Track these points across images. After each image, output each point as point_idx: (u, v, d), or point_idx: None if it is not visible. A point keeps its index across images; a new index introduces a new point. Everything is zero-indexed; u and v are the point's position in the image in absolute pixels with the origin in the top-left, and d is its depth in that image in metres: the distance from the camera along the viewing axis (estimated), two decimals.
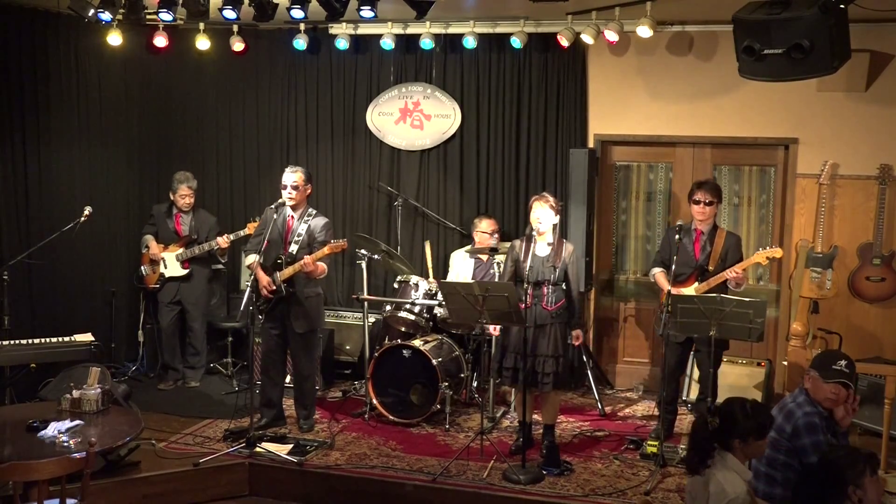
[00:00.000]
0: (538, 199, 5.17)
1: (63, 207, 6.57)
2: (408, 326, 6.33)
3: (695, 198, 5.45)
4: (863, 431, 5.70)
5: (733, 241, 5.51)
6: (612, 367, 7.10)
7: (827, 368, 3.86)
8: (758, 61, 4.82)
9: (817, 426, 3.77)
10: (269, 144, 7.50)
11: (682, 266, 5.43)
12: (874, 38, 6.09)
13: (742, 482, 3.28)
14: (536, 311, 5.12)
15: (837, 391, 3.81)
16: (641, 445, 5.46)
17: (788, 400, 3.97)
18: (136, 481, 4.90)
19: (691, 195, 5.50)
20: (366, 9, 5.15)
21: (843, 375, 3.82)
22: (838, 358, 3.90)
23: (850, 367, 3.87)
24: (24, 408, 4.98)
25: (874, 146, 6.25)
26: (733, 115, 6.51)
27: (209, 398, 6.48)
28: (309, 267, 5.36)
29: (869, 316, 6.36)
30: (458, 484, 4.91)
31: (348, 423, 5.91)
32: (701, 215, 5.45)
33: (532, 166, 6.91)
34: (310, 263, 5.35)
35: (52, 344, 5.65)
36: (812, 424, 3.77)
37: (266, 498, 5.12)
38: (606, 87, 6.78)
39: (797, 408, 3.85)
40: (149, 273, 6.72)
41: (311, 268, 5.38)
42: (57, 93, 6.64)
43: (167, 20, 5.80)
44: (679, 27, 6.51)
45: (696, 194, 5.46)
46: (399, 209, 7.08)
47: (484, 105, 7.00)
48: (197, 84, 7.52)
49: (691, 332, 5.15)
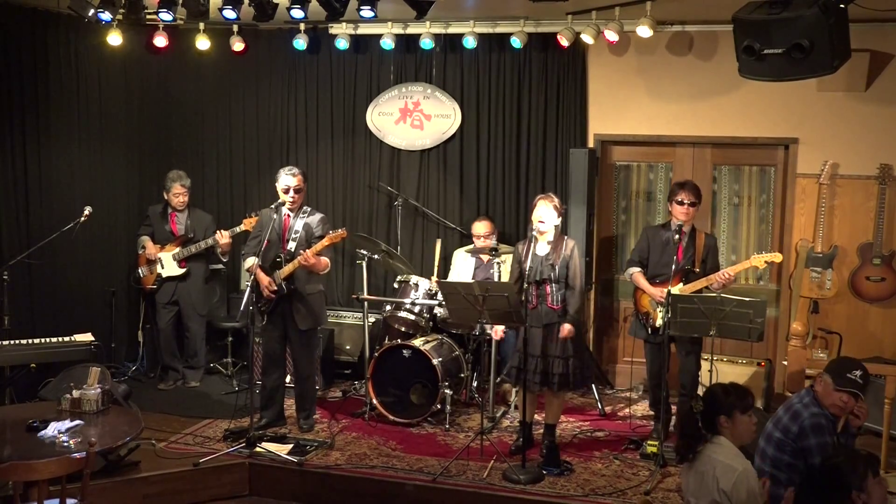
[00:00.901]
0: (543, 197, 5.16)
1: (63, 207, 6.57)
2: (408, 326, 6.33)
3: (678, 198, 5.41)
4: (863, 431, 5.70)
5: (712, 243, 5.53)
6: (612, 367, 7.10)
7: (841, 376, 3.85)
8: (758, 61, 4.81)
9: (824, 427, 3.77)
10: (269, 144, 7.50)
11: (663, 267, 5.40)
12: (874, 38, 6.09)
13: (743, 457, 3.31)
14: (543, 310, 5.11)
15: (847, 401, 3.81)
16: (641, 445, 5.46)
17: (795, 401, 3.96)
18: (136, 481, 4.89)
19: (673, 195, 5.46)
20: (366, 9, 5.15)
21: (856, 385, 3.81)
22: (854, 367, 3.88)
23: (865, 378, 3.86)
24: (24, 408, 4.98)
25: (874, 146, 6.25)
26: (733, 115, 6.51)
27: (209, 398, 6.48)
28: (310, 261, 5.35)
29: (869, 316, 6.36)
30: (458, 484, 4.91)
31: (348, 423, 5.91)
32: (684, 216, 5.41)
33: (532, 166, 6.91)
34: (310, 257, 5.34)
35: (52, 344, 5.66)
36: (818, 425, 3.77)
37: (266, 498, 5.12)
38: (606, 87, 6.78)
39: (804, 408, 3.85)
40: (146, 274, 6.72)
41: (311, 261, 5.36)
42: (57, 93, 6.64)
43: (167, 20, 5.81)
44: (679, 27, 6.51)
45: (678, 195, 5.42)
46: (399, 209, 7.08)
47: (484, 105, 7.00)
48: (197, 84, 7.52)
49: (691, 332, 5.15)
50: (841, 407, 3.83)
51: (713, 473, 3.28)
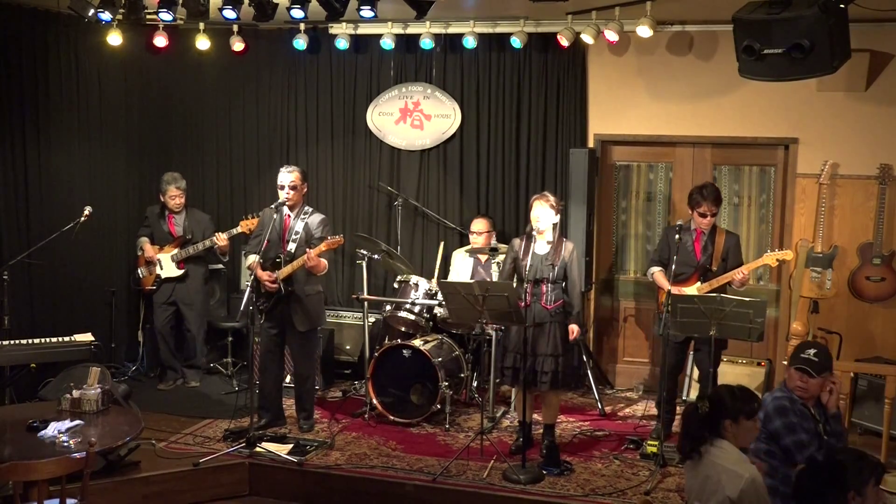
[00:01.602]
0: (538, 198, 5.18)
1: (63, 207, 6.57)
2: (408, 326, 6.34)
3: (700, 210, 5.40)
4: (863, 431, 5.71)
5: (734, 242, 5.51)
6: (612, 367, 7.10)
7: (795, 357, 3.96)
8: (758, 61, 4.81)
9: (787, 409, 3.85)
10: (269, 144, 7.50)
11: (683, 266, 5.43)
12: (874, 38, 6.09)
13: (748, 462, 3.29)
14: (535, 309, 5.12)
15: (801, 378, 3.88)
16: (641, 445, 5.46)
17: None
18: (136, 481, 4.89)
19: (696, 206, 5.42)
20: (366, 9, 5.15)
21: (804, 362, 3.88)
22: (809, 347, 3.98)
23: (820, 356, 3.91)
24: (24, 408, 4.98)
25: (874, 146, 6.25)
26: (733, 115, 6.51)
27: (209, 398, 6.48)
28: (312, 261, 5.35)
29: (869, 316, 6.36)
30: (458, 484, 4.91)
31: (348, 423, 5.91)
32: (706, 226, 5.44)
33: (532, 166, 6.91)
34: (313, 257, 5.34)
35: (52, 344, 5.65)
36: (780, 407, 3.86)
37: (266, 498, 5.12)
38: (606, 87, 6.78)
39: (769, 395, 4.00)
40: (145, 275, 6.72)
41: (313, 262, 5.36)
42: (57, 93, 6.64)
43: (167, 20, 5.81)
44: (679, 27, 6.51)
45: (700, 206, 5.39)
46: (399, 209, 7.08)
47: (484, 105, 7.00)
48: (197, 84, 7.52)
49: (691, 332, 5.15)
50: (801, 386, 3.89)
51: (718, 479, 3.24)
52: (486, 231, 6.44)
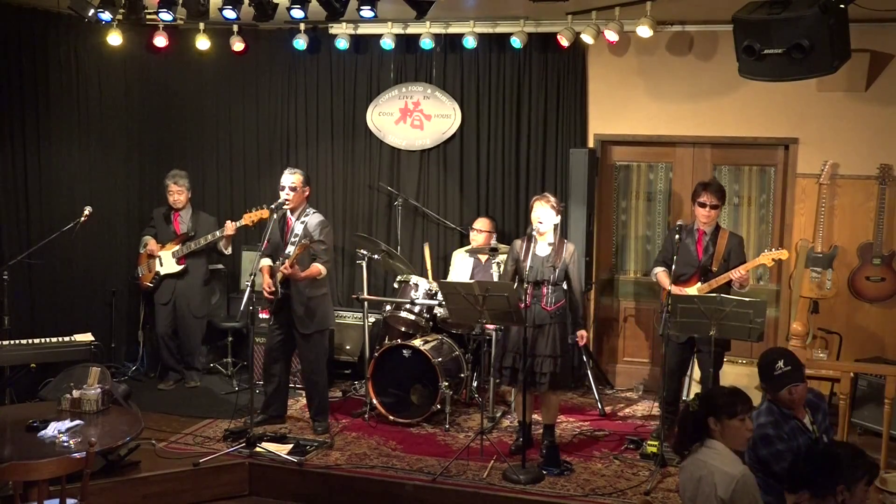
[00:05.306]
0: (539, 198, 5.17)
1: (63, 207, 6.57)
2: (408, 326, 6.34)
3: (700, 200, 5.38)
4: (863, 431, 5.71)
5: (736, 242, 5.49)
6: (612, 367, 7.10)
7: (771, 379, 3.82)
8: (758, 61, 4.81)
9: (770, 437, 3.75)
10: (269, 144, 7.50)
11: (684, 266, 5.42)
12: (874, 38, 6.09)
13: (740, 462, 3.29)
14: (535, 310, 5.12)
15: (793, 391, 3.79)
16: (641, 445, 5.46)
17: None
18: (136, 481, 4.89)
19: (696, 196, 5.42)
20: (366, 9, 5.15)
21: (787, 377, 3.77)
22: (776, 360, 3.82)
23: (791, 363, 3.79)
24: (24, 408, 4.99)
25: (874, 146, 6.25)
26: (733, 115, 6.51)
27: (209, 398, 6.48)
28: (287, 272, 5.31)
29: (869, 316, 6.36)
30: (458, 484, 4.91)
31: (348, 423, 5.90)
32: (706, 218, 5.40)
33: (532, 166, 6.91)
34: (286, 269, 5.29)
35: (52, 344, 5.66)
36: (765, 437, 3.75)
37: (266, 498, 5.12)
38: (606, 87, 6.78)
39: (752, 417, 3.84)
40: (145, 272, 6.72)
41: (288, 272, 5.31)
42: (57, 93, 6.64)
43: (167, 20, 5.81)
44: (679, 27, 6.51)
45: (701, 196, 5.38)
46: (399, 209, 7.08)
47: (484, 105, 7.00)
48: (197, 84, 7.52)
49: (691, 332, 5.15)
50: (792, 399, 3.80)
51: (711, 480, 3.24)
52: (487, 230, 6.44)
